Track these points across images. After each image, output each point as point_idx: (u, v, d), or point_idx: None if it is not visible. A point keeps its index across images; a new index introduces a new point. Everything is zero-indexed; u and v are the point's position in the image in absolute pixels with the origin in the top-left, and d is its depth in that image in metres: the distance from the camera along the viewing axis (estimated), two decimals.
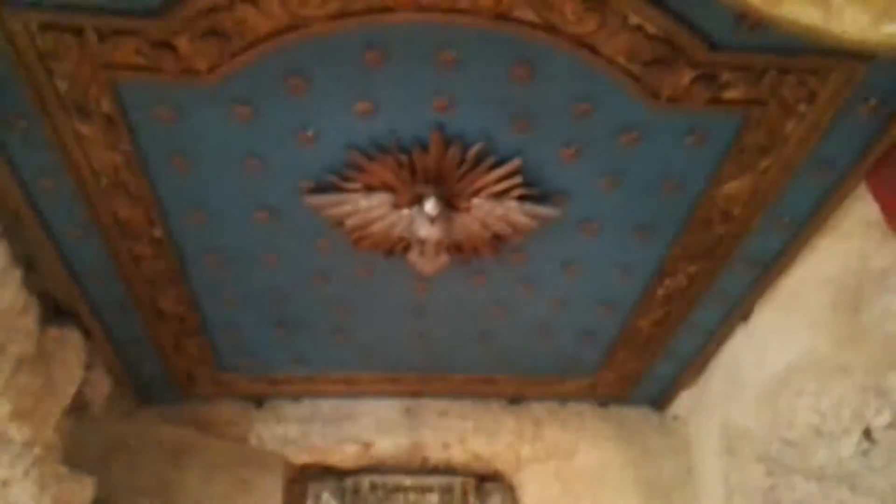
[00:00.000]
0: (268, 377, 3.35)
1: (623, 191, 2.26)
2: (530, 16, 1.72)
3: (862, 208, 2.22)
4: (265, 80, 1.84)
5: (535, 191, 2.23)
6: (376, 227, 2.33)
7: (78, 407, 2.98)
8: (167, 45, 1.72)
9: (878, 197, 2.10)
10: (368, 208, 2.25)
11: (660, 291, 2.70)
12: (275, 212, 2.30)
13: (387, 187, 2.18)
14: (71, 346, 2.77)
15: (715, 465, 3.14)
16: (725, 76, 1.89)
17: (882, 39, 1.56)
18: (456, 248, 2.43)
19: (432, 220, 2.16)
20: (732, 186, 2.23)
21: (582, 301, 2.82)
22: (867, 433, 2.52)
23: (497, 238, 2.40)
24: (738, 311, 2.79)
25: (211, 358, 3.17)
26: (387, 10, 1.70)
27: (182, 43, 1.71)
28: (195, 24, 1.68)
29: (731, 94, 1.93)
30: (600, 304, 2.82)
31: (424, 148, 2.07)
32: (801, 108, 1.97)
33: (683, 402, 3.51)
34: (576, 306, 2.85)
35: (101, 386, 3.11)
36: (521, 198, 2.23)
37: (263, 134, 2.00)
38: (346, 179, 2.16)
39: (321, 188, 2.19)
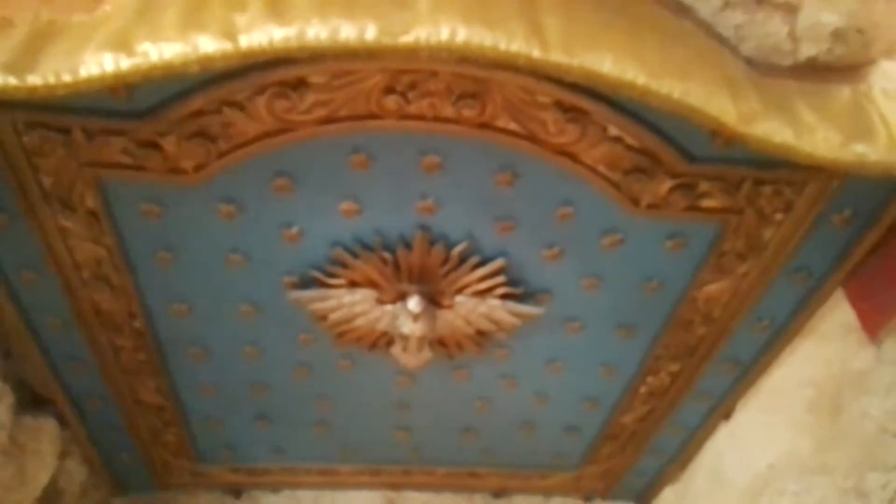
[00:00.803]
0: (247, 468, 3.26)
1: (605, 291, 2.28)
2: (513, 126, 1.78)
3: (840, 313, 2.24)
4: (251, 181, 1.87)
5: (518, 290, 2.24)
6: (360, 323, 2.32)
7: (50, 496, 2.86)
8: (154, 145, 1.75)
9: (855, 305, 2.13)
10: (352, 304, 2.25)
11: (643, 389, 2.68)
12: (258, 306, 2.28)
13: (371, 284, 2.19)
14: (46, 436, 2.68)
15: None
16: (703, 186, 1.94)
17: (852, 159, 1.63)
18: (440, 344, 2.42)
19: (415, 316, 2.16)
20: (712, 289, 2.26)
21: (566, 397, 2.80)
22: None
23: (481, 335, 2.40)
24: (720, 409, 2.77)
25: (189, 449, 3.08)
26: (372, 117, 1.75)
27: (169, 143, 1.74)
28: (182, 126, 1.71)
29: (709, 202, 1.98)
30: (584, 401, 2.79)
31: (408, 247, 2.09)
32: (778, 217, 2.02)
33: (667, 497, 3.42)
34: (560, 402, 2.82)
35: (76, 476, 3.00)
36: (505, 296, 2.24)
37: (248, 231, 2.01)
38: (331, 276, 2.16)
39: (305, 284, 2.19)
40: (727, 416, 2.80)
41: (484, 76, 1.65)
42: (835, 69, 1.77)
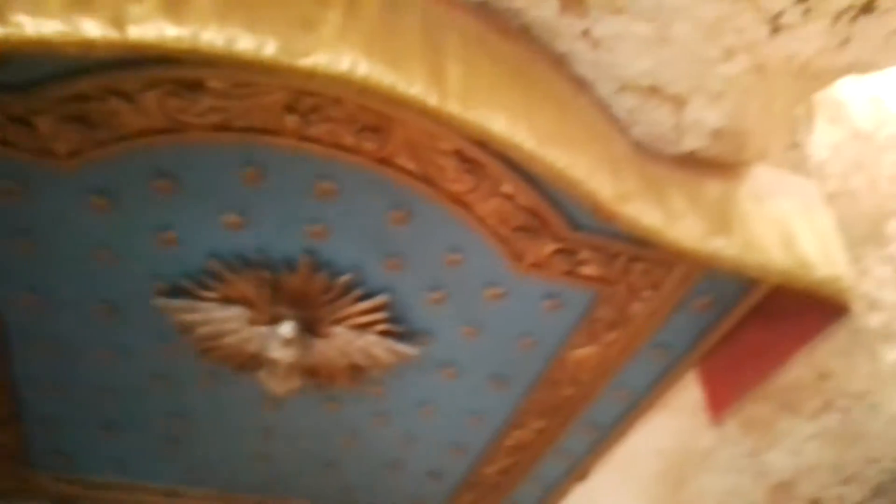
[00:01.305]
0: (82, 480, 3.00)
1: (483, 341, 2.31)
2: (411, 166, 1.80)
3: (693, 391, 2.38)
4: (129, 176, 1.78)
5: (398, 328, 2.23)
6: (229, 340, 2.23)
7: None
8: (26, 122, 1.63)
9: (705, 386, 2.27)
10: (223, 320, 2.16)
11: (508, 441, 2.72)
12: (119, 307, 2.15)
13: (245, 302, 2.11)
14: None
15: None
16: (584, 254, 2.03)
17: (709, 251, 1.75)
18: (311, 373, 2.35)
19: (287, 342, 2.10)
20: (582, 353, 2.34)
21: (434, 441, 2.78)
22: None
23: (355, 369, 2.35)
24: (578, 470, 2.85)
25: (19, 451, 2.80)
26: (270, 133, 1.72)
27: (43, 123, 1.63)
28: (61, 108, 1.61)
29: (587, 270, 2.07)
30: (451, 446, 2.79)
31: (291, 270, 2.04)
32: (647, 293, 2.13)
33: None
34: (427, 445, 2.80)
35: None
36: (384, 333, 2.22)
37: (120, 228, 1.90)
38: (204, 287, 2.07)
39: (175, 292, 2.09)
40: (583, 477, 2.88)
41: (389, 112, 1.66)
42: (711, 164, 1.91)
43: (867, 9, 1.59)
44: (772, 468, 2.58)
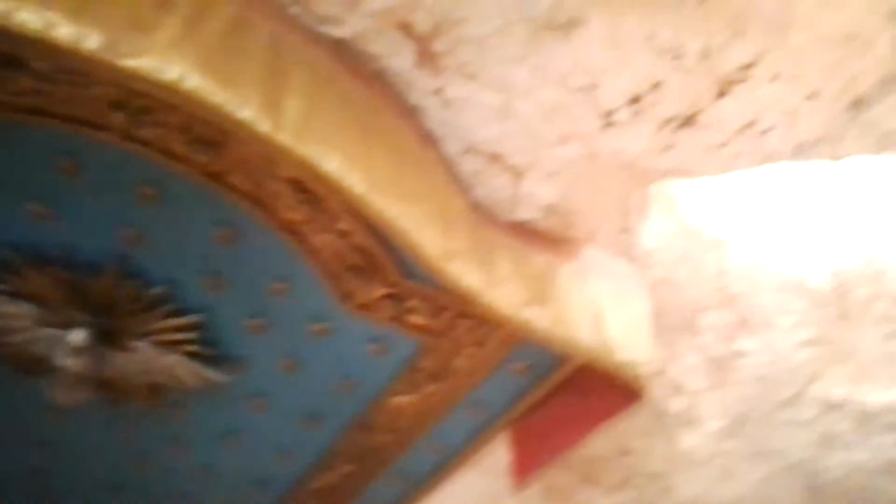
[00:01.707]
0: None
1: (301, 376, 2.24)
2: (245, 186, 1.73)
3: (502, 454, 2.42)
4: None
5: (210, 351, 2.11)
6: (12, 339, 2.01)
7: None
8: None
9: (513, 449, 2.32)
10: (9, 315, 1.94)
11: (314, 484, 2.63)
12: None
13: (38, 300, 1.92)
14: None
15: None
16: (413, 302, 2.03)
17: (522, 320, 1.81)
18: (104, 387, 2.16)
19: (77, 350, 1.91)
20: (402, 401, 2.33)
21: (233, 475, 2.64)
22: None
23: (155, 388, 2.19)
24: None
25: None
26: (94, 126, 1.59)
27: None
28: None
29: (414, 318, 2.07)
30: (252, 484, 2.66)
31: (98, 273, 1.88)
32: (470, 350, 2.16)
33: None
34: (224, 480, 2.65)
35: None
36: (192, 354, 2.09)
37: None
38: None
39: None
40: None
41: (227, 128, 1.59)
42: (542, 237, 1.99)
43: (689, 122, 1.74)
44: None
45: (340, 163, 1.45)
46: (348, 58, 1.60)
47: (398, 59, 1.62)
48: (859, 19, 1.59)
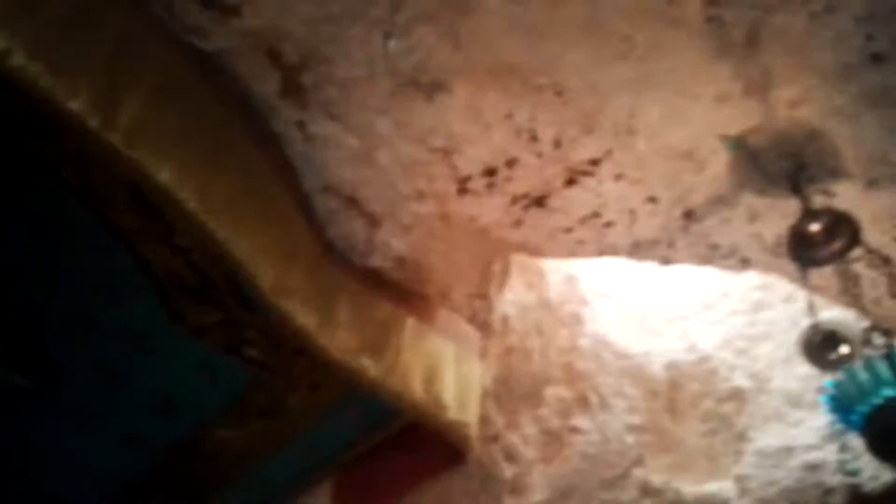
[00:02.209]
0: None
1: (120, 392, 2.11)
2: (78, 181, 1.63)
3: (324, 501, 2.36)
4: None
5: (20, 354, 1.96)
6: None
7: None
8: None
9: (335, 498, 2.26)
10: None
11: None
12: None
13: None
14: None
15: None
16: (249, 333, 1.97)
17: (353, 367, 1.80)
18: None
19: None
20: (226, 434, 2.23)
21: (39, 492, 2.41)
22: None
23: None
24: None
25: None
26: None
27: None
28: None
29: (250, 350, 2.01)
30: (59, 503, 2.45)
31: None
32: (304, 391, 2.12)
33: None
34: (30, 496, 2.42)
35: None
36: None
37: None
38: None
39: None
40: None
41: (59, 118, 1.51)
42: (392, 288, 2.01)
43: (539, 202, 1.83)
44: None
45: (174, 175, 1.40)
46: (211, 73, 1.58)
47: (263, 84, 1.61)
48: (697, 138, 1.75)
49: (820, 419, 2.44)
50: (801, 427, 2.88)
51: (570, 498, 2.91)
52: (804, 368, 2.77)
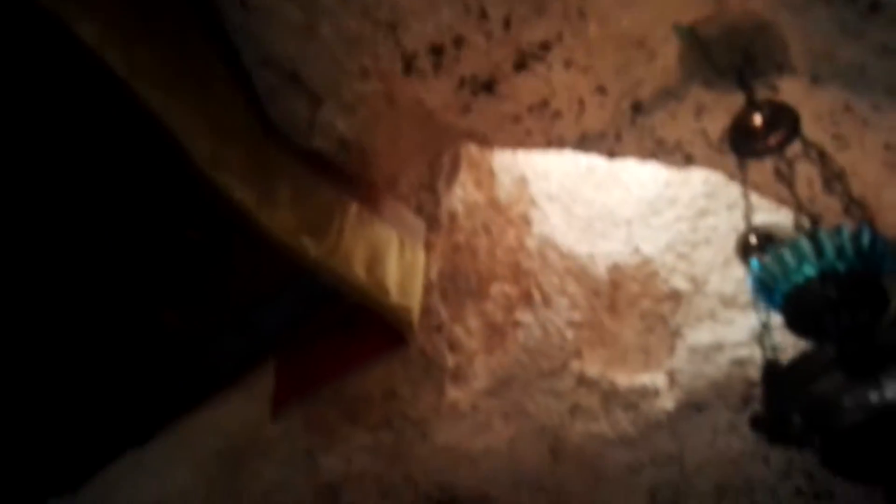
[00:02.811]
0: None
1: None
2: None
3: (268, 381, 2.40)
4: None
5: None
6: None
7: None
8: None
9: (277, 377, 2.31)
10: None
11: None
12: None
13: None
14: None
15: None
16: (190, 214, 1.94)
17: (294, 247, 1.79)
18: None
19: None
20: (168, 316, 2.24)
21: None
22: None
23: None
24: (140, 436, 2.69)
25: None
26: None
27: None
28: None
29: (190, 231, 1.98)
30: None
31: None
32: (245, 272, 2.12)
33: None
34: None
35: None
36: None
37: None
38: None
39: None
40: (143, 442, 2.73)
41: None
42: (336, 171, 1.98)
43: (487, 88, 1.80)
44: (323, 469, 2.74)
45: (98, 33, 1.32)
46: None
47: None
48: (649, 25, 1.72)
49: (751, 319, 2.52)
50: (733, 326, 3.05)
51: (510, 387, 3.06)
52: (740, 272, 2.92)
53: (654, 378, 3.00)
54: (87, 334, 2.14)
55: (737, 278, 2.95)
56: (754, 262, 1.63)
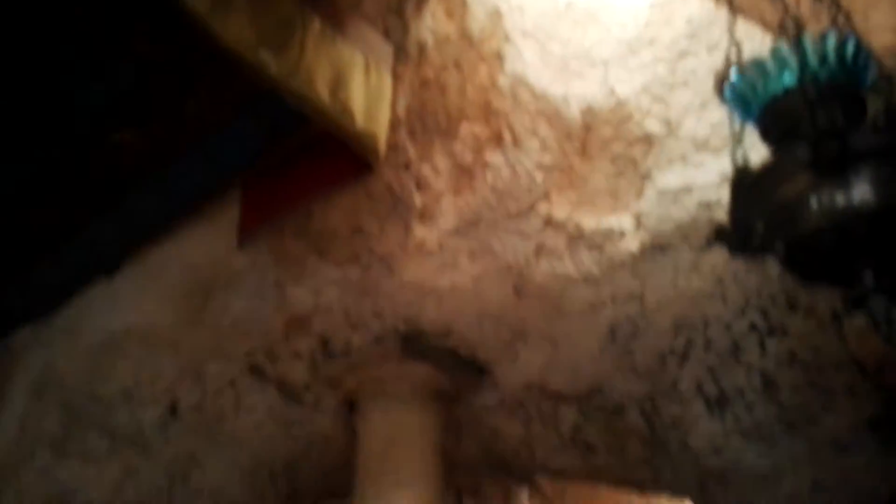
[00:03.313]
0: None
1: None
2: None
3: (234, 212, 2.38)
4: None
5: None
6: None
7: None
8: None
9: (242, 206, 2.29)
10: None
11: None
12: None
13: None
14: None
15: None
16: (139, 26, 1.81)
17: (251, 62, 1.70)
18: None
19: None
20: (126, 138, 2.16)
21: None
22: (173, 408, 2.71)
23: None
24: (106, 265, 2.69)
25: None
26: None
27: None
28: None
29: (137, 43, 1.86)
30: None
31: None
32: (203, 93, 2.02)
33: None
34: None
35: None
36: None
37: None
38: None
39: None
40: (111, 272, 2.73)
41: None
42: None
43: None
44: (292, 301, 2.80)
45: None
46: None
47: None
48: None
49: (723, 162, 2.47)
50: (703, 169, 3.03)
51: (477, 227, 3.07)
52: (716, 115, 2.86)
53: (621, 220, 3.03)
54: (42, 150, 2.07)
55: (712, 122, 2.90)
56: (733, 70, 1.53)
